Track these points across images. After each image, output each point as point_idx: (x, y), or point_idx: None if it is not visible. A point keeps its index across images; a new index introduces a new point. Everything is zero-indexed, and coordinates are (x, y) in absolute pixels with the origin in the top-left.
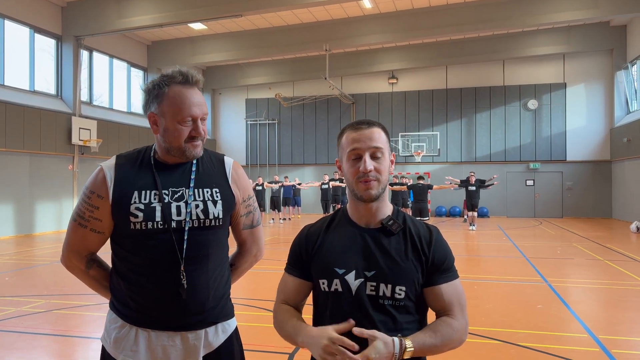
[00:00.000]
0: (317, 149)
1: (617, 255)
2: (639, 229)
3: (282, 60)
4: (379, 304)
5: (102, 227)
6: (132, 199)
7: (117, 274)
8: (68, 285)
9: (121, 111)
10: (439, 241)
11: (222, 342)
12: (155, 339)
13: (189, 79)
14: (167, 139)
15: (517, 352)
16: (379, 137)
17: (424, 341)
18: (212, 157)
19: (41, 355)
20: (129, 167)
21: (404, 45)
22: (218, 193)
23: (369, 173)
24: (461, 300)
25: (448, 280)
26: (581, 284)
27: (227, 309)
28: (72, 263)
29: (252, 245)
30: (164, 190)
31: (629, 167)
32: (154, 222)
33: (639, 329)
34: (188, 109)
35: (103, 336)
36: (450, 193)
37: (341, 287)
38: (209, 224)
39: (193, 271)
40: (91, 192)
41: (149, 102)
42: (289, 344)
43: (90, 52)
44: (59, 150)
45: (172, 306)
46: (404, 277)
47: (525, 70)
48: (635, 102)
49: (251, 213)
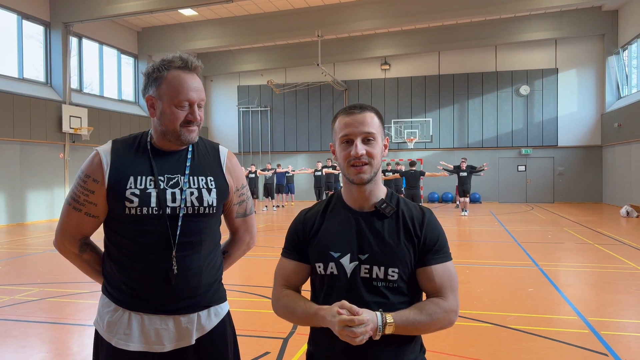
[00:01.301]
0: (309, 136)
1: (607, 239)
2: (629, 213)
3: (274, 47)
4: (373, 286)
5: (96, 211)
6: (128, 184)
7: (110, 258)
8: (61, 273)
9: (112, 99)
10: (432, 222)
11: (214, 325)
12: (148, 322)
13: (188, 64)
14: (164, 122)
15: (508, 334)
16: (371, 121)
17: (407, 317)
18: (207, 146)
19: (36, 342)
20: (125, 152)
21: (396, 31)
22: (213, 181)
23: (360, 157)
24: (452, 282)
25: (440, 262)
26: (571, 267)
27: (219, 294)
28: (66, 247)
29: (244, 234)
30: (160, 176)
31: (619, 152)
32: (149, 207)
33: (627, 310)
34: (185, 92)
35: (96, 320)
36: (443, 179)
37: (337, 270)
38: (203, 212)
39: (185, 257)
40: (87, 176)
41: (148, 85)
42: (284, 329)
43: (80, 38)
44: (49, 138)
45: (164, 290)
46: (396, 259)
47: (517, 56)
48: (626, 87)
49: (244, 202)
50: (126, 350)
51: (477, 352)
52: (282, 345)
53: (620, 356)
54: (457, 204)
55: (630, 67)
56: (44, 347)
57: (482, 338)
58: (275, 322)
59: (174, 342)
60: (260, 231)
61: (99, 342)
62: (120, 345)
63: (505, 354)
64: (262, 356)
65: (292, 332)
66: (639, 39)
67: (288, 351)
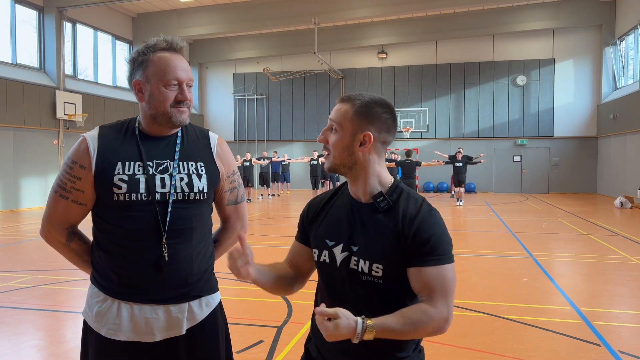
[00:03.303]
0: (305, 124)
1: (601, 230)
2: (623, 204)
3: (270, 34)
4: (360, 279)
5: (84, 199)
6: (116, 170)
7: (98, 246)
8: (55, 261)
9: (107, 85)
10: (425, 220)
11: (206, 315)
12: (138, 311)
13: (173, 45)
14: (153, 104)
15: (502, 324)
16: (337, 111)
17: (388, 324)
18: (197, 131)
19: (29, 330)
20: (113, 138)
21: (393, 20)
22: (203, 167)
23: (321, 142)
24: (445, 287)
25: (431, 264)
26: (565, 258)
27: (210, 283)
28: (53, 236)
29: (236, 221)
30: (149, 162)
31: (614, 143)
32: (138, 193)
33: (620, 301)
34: (173, 71)
35: (85, 310)
36: (438, 169)
37: (328, 259)
38: (194, 198)
39: (176, 244)
40: (73, 162)
41: (134, 70)
42: (278, 318)
43: (74, 24)
44: (43, 124)
45: (154, 279)
46: (380, 255)
47: (514, 45)
48: (623, 79)
49: (235, 189)
50: (116, 340)
51: (471, 341)
52: (276, 333)
53: (613, 346)
54: (452, 193)
55: (627, 58)
56: (38, 335)
57: (475, 328)
58: (269, 310)
59: (165, 332)
60: (255, 220)
61: (88, 333)
62: (110, 335)
63: (498, 343)
64: (256, 344)
65: (286, 320)
66: (636, 30)
67: (282, 339)
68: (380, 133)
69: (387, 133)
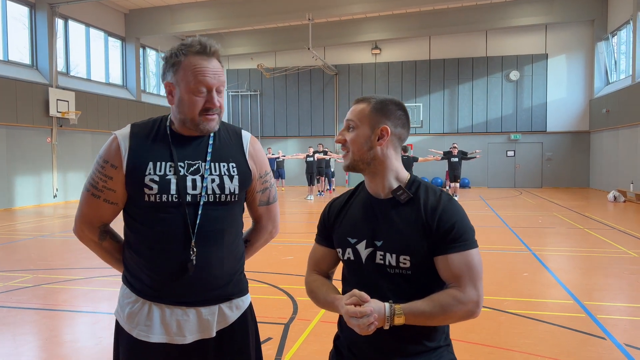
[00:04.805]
0: (300, 120)
1: (596, 223)
2: (616, 198)
3: (263, 30)
4: (388, 273)
5: (115, 198)
6: (147, 170)
7: (130, 247)
8: (54, 259)
9: (99, 82)
10: (447, 210)
11: (236, 318)
12: (170, 314)
13: (206, 48)
14: (182, 110)
15: (506, 318)
16: (353, 110)
17: (417, 308)
18: (229, 131)
19: (33, 330)
20: (144, 137)
21: (387, 15)
22: (235, 168)
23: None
24: (472, 272)
25: (456, 251)
26: (564, 252)
27: (241, 285)
28: (85, 234)
29: (267, 222)
30: (180, 162)
31: (607, 137)
32: (169, 195)
33: (621, 294)
34: (202, 78)
35: (117, 310)
36: (433, 165)
37: (353, 256)
38: (225, 199)
39: (205, 247)
40: (105, 161)
41: (166, 71)
42: (284, 315)
43: (66, 20)
44: (36, 122)
45: (183, 282)
46: (407, 247)
47: (507, 41)
48: (615, 73)
49: (267, 189)
50: (147, 342)
51: (478, 336)
52: (283, 330)
53: (618, 339)
54: (447, 188)
55: (619, 53)
56: (42, 335)
57: (481, 323)
58: (275, 308)
59: (195, 334)
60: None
61: (120, 333)
62: (141, 336)
63: (505, 338)
64: (265, 342)
65: (292, 317)
66: (628, 25)
67: (290, 336)
68: (397, 128)
69: (403, 128)
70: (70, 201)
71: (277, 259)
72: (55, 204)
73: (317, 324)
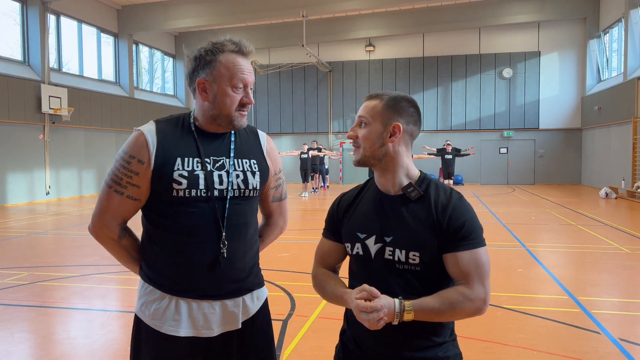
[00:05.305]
0: (294, 117)
1: (589, 220)
2: (608, 194)
3: (257, 27)
4: (397, 269)
5: (139, 194)
6: (175, 166)
7: (153, 243)
8: (49, 257)
9: (92, 78)
10: (457, 208)
11: (257, 309)
12: (197, 307)
13: (242, 47)
14: (218, 105)
15: (502, 314)
16: (366, 107)
17: (427, 304)
18: (247, 129)
19: (30, 327)
20: (170, 133)
21: (381, 12)
22: (256, 164)
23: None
24: (480, 269)
25: (466, 248)
26: (557, 248)
27: (259, 277)
28: (104, 232)
29: (279, 218)
30: (206, 158)
31: (598, 134)
32: (197, 190)
33: (615, 290)
34: (241, 74)
35: (138, 309)
36: (427, 161)
37: (362, 251)
38: (248, 195)
39: (232, 241)
40: (131, 156)
41: (198, 69)
42: (282, 311)
43: (58, 16)
44: (28, 119)
45: (212, 275)
46: (416, 243)
47: (500, 38)
48: (607, 71)
49: (280, 186)
50: (175, 336)
51: (475, 331)
52: (281, 327)
53: (613, 334)
54: None
55: (611, 51)
56: (39, 332)
57: (478, 318)
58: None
59: (222, 326)
60: None
61: (141, 330)
62: (170, 332)
63: (502, 333)
64: None
65: (290, 314)
66: (619, 22)
67: (288, 333)
68: (408, 125)
69: (414, 125)
70: (63, 198)
71: (273, 256)
72: (48, 201)
73: (315, 320)
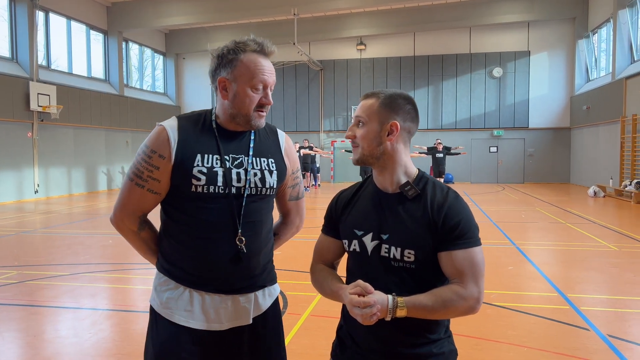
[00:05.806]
0: (285, 116)
1: (577, 218)
2: (596, 193)
3: (248, 24)
4: (392, 266)
5: (159, 188)
6: (195, 162)
7: (171, 236)
8: (38, 256)
9: (81, 76)
10: (453, 206)
11: (269, 305)
12: (209, 301)
13: (264, 48)
14: (237, 105)
15: (493, 311)
16: (362, 106)
17: (419, 302)
18: (267, 128)
19: (20, 326)
20: (191, 129)
21: (372, 11)
22: (274, 163)
23: (348, 138)
24: (475, 269)
25: (460, 247)
26: (547, 246)
27: (272, 274)
28: (124, 224)
29: (295, 216)
30: (225, 156)
31: (587, 134)
32: (216, 186)
33: (603, 287)
34: (261, 75)
35: (152, 298)
36: (418, 160)
37: (359, 248)
38: (265, 193)
39: (248, 237)
40: (152, 151)
41: (220, 67)
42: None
43: (46, 13)
44: (17, 116)
45: (227, 271)
46: (412, 241)
47: (490, 38)
48: (595, 71)
49: (297, 185)
50: (186, 327)
51: (465, 329)
52: None
53: (602, 330)
54: None
55: (600, 51)
56: (29, 332)
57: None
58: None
59: (233, 321)
60: None
61: (156, 320)
62: (181, 322)
63: (493, 330)
64: None
65: (282, 312)
66: (608, 23)
67: None
68: (406, 122)
69: (412, 123)
70: (52, 197)
71: None
72: (36, 200)
73: (308, 318)
